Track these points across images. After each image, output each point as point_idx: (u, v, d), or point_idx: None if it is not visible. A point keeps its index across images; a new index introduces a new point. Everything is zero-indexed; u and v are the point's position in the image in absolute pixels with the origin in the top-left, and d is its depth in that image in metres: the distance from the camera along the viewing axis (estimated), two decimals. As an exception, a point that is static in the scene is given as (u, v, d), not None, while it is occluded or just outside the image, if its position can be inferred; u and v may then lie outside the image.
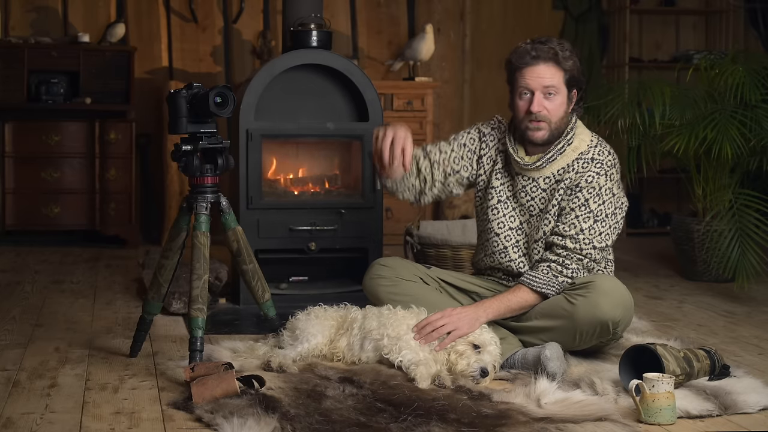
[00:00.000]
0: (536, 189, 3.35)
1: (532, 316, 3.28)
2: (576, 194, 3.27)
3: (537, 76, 3.25)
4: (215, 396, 2.75)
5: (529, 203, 3.37)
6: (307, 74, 4.48)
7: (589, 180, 3.27)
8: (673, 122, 5.05)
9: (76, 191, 6.28)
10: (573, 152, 3.31)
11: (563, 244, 3.25)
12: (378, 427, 2.58)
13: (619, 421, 2.68)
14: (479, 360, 3.05)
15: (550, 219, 3.31)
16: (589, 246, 3.25)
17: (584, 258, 3.24)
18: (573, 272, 3.24)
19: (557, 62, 3.25)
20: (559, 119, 3.28)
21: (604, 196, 3.27)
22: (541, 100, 3.25)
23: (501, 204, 3.41)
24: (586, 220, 3.25)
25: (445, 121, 7.08)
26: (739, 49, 6.74)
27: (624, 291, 3.18)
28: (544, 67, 3.25)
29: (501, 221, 3.41)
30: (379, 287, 3.44)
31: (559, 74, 3.26)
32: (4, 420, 2.65)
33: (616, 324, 3.15)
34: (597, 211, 3.26)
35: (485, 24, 7.18)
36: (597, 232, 3.26)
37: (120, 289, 4.77)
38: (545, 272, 3.25)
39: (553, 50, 3.24)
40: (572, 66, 3.27)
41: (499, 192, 3.42)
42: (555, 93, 3.25)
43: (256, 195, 4.38)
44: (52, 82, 6.23)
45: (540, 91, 3.25)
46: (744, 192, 4.84)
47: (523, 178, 3.37)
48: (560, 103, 3.27)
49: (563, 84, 3.27)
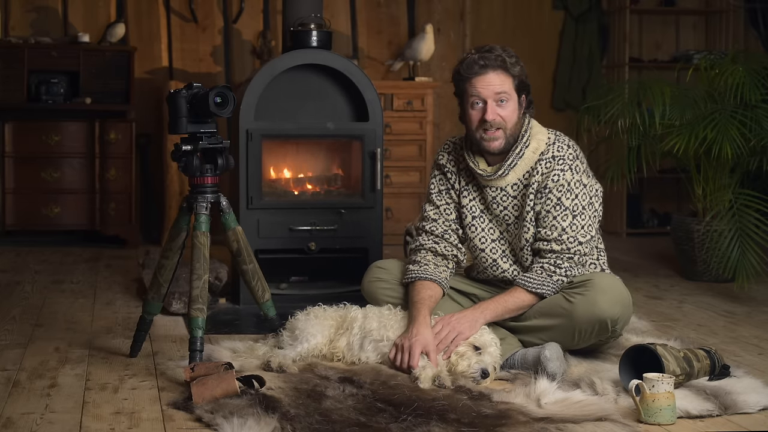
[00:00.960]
0: (506, 198, 3.34)
1: (530, 316, 3.28)
2: (547, 196, 3.27)
3: (487, 84, 3.25)
4: (215, 396, 2.75)
5: (503, 213, 3.36)
6: (307, 74, 4.48)
7: (555, 179, 3.26)
8: (673, 122, 5.05)
9: (76, 191, 6.29)
10: (533, 154, 3.30)
11: (550, 248, 3.25)
12: (378, 427, 2.58)
13: (619, 421, 2.68)
14: (480, 361, 3.06)
15: (528, 226, 3.30)
16: (575, 243, 3.25)
17: (574, 255, 3.25)
18: (566, 270, 3.24)
19: (505, 69, 3.26)
20: (514, 125, 3.28)
21: (575, 190, 3.27)
22: (494, 107, 3.26)
23: (476, 220, 3.41)
24: (564, 219, 3.25)
25: (445, 121, 7.08)
26: (739, 49, 6.73)
27: (622, 288, 3.19)
28: (494, 74, 3.25)
29: (482, 236, 3.40)
30: (377, 290, 3.44)
31: (508, 80, 3.26)
32: (4, 420, 2.65)
33: (614, 322, 3.15)
34: (572, 206, 3.26)
35: (485, 24, 7.18)
36: (579, 227, 3.25)
37: (120, 289, 4.78)
38: (539, 273, 3.25)
39: (501, 57, 3.25)
40: (520, 72, 3.28)
41: (471, 209, 3.41)
42: (507, 99, 3.26)
43: (256, 195, 4.38)
44: (52, 82, 6.23)
45: (492, 99, 3.26)
46: (744, 192, 4.84)
47: (491, 189, 3.36)
48: (513, 109, 3.28)
49: (513, 90, 3.28)
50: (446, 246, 3.42)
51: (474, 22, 7.16)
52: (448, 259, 3.42)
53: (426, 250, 3.42)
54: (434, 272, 3.35)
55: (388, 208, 6.22)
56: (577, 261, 3.26)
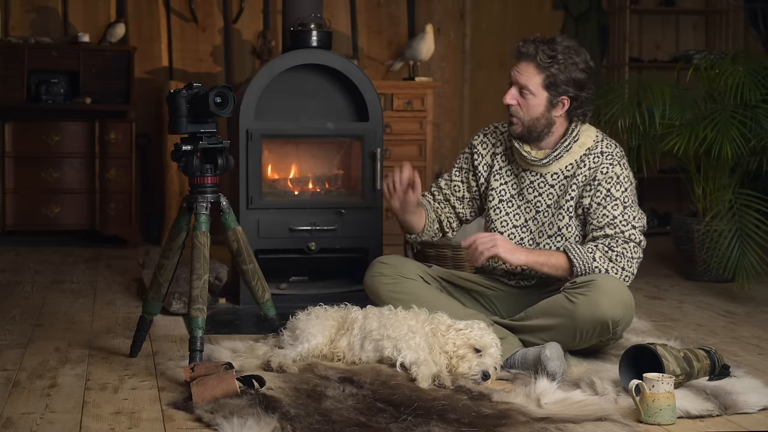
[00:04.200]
0: (544, 185, 3.38)
1: (532, 315, 3.28)
2: (597, 188, 3.30)
3: (517, 72, 3.33)
4: (215, 396, 2.75)
5: (536, 199, 3.39)
6: (307, 74, 4.48)
7: (604, 171, 3.31)
8: (673, 122, 5.05)
9: (76, 191, 6.28)
10: (579, 148, 3.35)
11: (603, 233, 3.27)
12: (378, 427, 2.58)
13: (619, 421, 2.68)
14: (481, 363, 3.06)
15: (564, 214, 3.34)
16: (629, 227, 3.26)
17: (629, 241, 3.25)
18: (618, 255, 3.23)
19: (537, 64, 3.28)
20: (533, 119, 3.31)
21: (624, 184, 3.31)
22: (515, 93, 3.32)
23: (503, 203, 3.44)
24: (615, 208, 3.28)
25: (445, 121, 7.08)
26: (739, 49, 6.73)
27: (624, 290, 3.18)
28: (525, 65, 3.31)
29: (504, 219, 3.43)
30: (380, 285, 3.44)
31: (537, 76, 3.29)
32: (4, 420, 2.65)
33: (616, 323, 3.15)
34: (623, 198, 3.29)
35: (485, 24, 7.18)
36: (631, 216, 3.28)
37: (120, 289, 4.77)
38: (589, 250, 3.24)
39: (537, 51, 3.27)
40: (556, 71, 3.27)
41: (500, 192, 3.44)
42: (528, 93, 3.29)
43: (256, 195, 4.38)
44: (52, 82, 6.22)
45: (516, 86, 3.32)
46: (744, 192, 4.84)
47: (531, 173, 3.40)
48: (535, 104, 3.30)
49: (541, 87, 3.29)
50: (439, 211, 3.57)
51: (474, 22, 7.16)
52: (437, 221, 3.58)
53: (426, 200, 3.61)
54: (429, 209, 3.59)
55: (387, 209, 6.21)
56: (632, 249, 3.25)
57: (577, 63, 3.29)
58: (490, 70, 7.11)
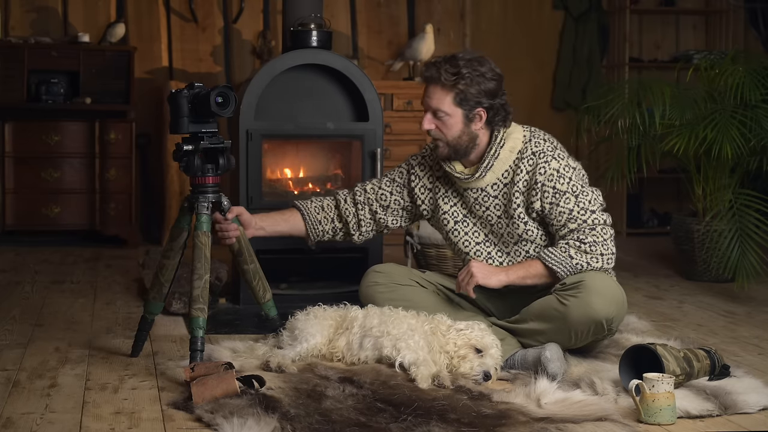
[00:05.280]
0: (487, 198, 3.36)
1: (526, 319, 3.27)
2: (542, 190, 3.27)
3: (427, 96, 3.33)
4: (215, 396, 2.75)
5: (486, 213, 3.37)
6: (307, 74, 4.48)
7: (542, 172, 3.27)
8: (673, 122, 5.05)
9: (76, 191, 6.28)
10: (510, 153, 3.32)
11: (568, 229, 3.25)
12: (378, 427, 2.58)
13: (619, 421, 2.68)
14: (482, 364, 3.06)
15: (517, 222, 3.31)
16: (587, 215, 3.24)
17: (595, 226, 3.23)
18: (591, 245, 3.21)
19: (442, 85, 3.27)
20: (455, 138, 3.30)
21: (566, 175, 3.27)
22: (430, 118, 3.32)
23: (459, 224, 3.43)
24: (568, 202, 3.25)
25: (445, 121, 7.07)
26: (739, 49, 6.73)
27: (615, 287, 3.18)
28: (432, 88, 3.31)
29: (465, 240, 3.41)
30: (376, 294, 3.44)
31: (447, 96, 3.27)
32: (4, 420, 2.65)
33: (610, 321, 3.14)
34: (571, 188, 3.26)
35: (485, 24, 7.18)
36: (586, 202, 3.25)
37: (120, 289, 4.77)
38: (562, 249, 3.22)
39: (439, 72, 3.25)
40: (464, 87, 3.24)
41: (453, 214, 3.43)
42: (443, 115, 3.29)
43: (256, 195, 4.38)
44: (52, 82, 6.23)
45: (429, 111, 3.32)
46: (744, 192, 4.84)
47: (472, 191, 3.38)
48: (452, 123, 3.29)
49: (453, 105, 3.27)
50: (350, 211, 3.55)
51: (474, 22, 7.16)
52: (339, 221, 3.56)
53: (333, 197, 3.59)
54: (309, 208, 3.55)
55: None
56: (600, 231, 3.22)
57: (484, 73, 3.26)
58: (490, 70, 7.10)
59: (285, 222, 3.54)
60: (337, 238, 3.63)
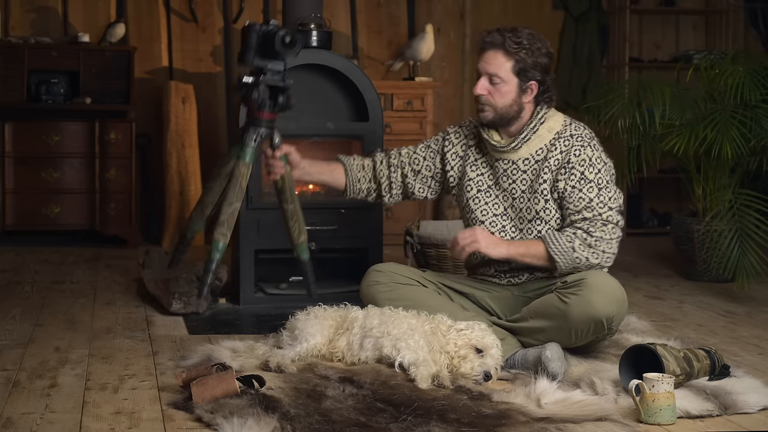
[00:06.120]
0: (516, 171, 3.39)
1: (527, 317, 3.28)
2: (571, 172, 3.31)
3: (484, 62, 3.35)
4: (215, 396, 2.75)
5: (511, 186, 3.40)
6: (307, 74, 4.48)
7: (577, 154, 3.31)
8: (673, 122, 5.05)
9: (76, 191, 6.28)
10: (548, 133, 3.37)
11: (582, 216, 3.27)
12: (378, 427, 2.58)
13: (619, 421, 2.69)
14: (482, 364, 3.06)
15: (539, 198, 3.34)
16: (605, 209, 3.27)
17: (607, 223, 3.26)
18: (597, 240, 3.23)
19: (505, 50, 3.31)
20: (505, 106, 3.34)
21: (597, 165, 3.31)
22: (485, 84, 3.34)
23: (481, 193, 3.45)
24: (591, 191, 3.28)
25: (445, 121, 7.07)
26: (739, 49, 6.73)
27: (616, 286, 3.18)
28: (492, 53, 3.33)
29: (484, 209, 3.44)
30: (377, 294, 3.44)
31: (507, 63, 3.31)
32: (4, 420, 2.65)
33: (610, 320, 3.15)
34: (597, 179, 3.30)
35: (485, 24, 7.16)
36: (606, 197, 3.29)
37: (120, 289, 4.78)
38: (568, 239, 3.25)
39: (503, 38, 3.31)
40: (524, 56, 3.30)
41: (478, 182, 3.46)
42: (499, 81, 3.32)
43: (256, 195, 4.38)
44: (52, 82, 6.22)
45: (485, 75, 3.34)
46: (744, 192, 4.84)
47: (503, 162, 3.41)
48: (506, 90, 3.33)
49: (511, 73, 3.32)
50: (384, 173, 3.59)
51: (474, 22, 7.16)
52: (374, 182, 3.61)
53: (371, 158, 3.64)
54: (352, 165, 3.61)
55: (388, 208, 6.22)
56: (611, 230, 3.25)
57: (540, 48, 3.33)
58: (490, 70, 7.11)
59: (330, 173, 3.60)
60: (370, 199, 3.68)
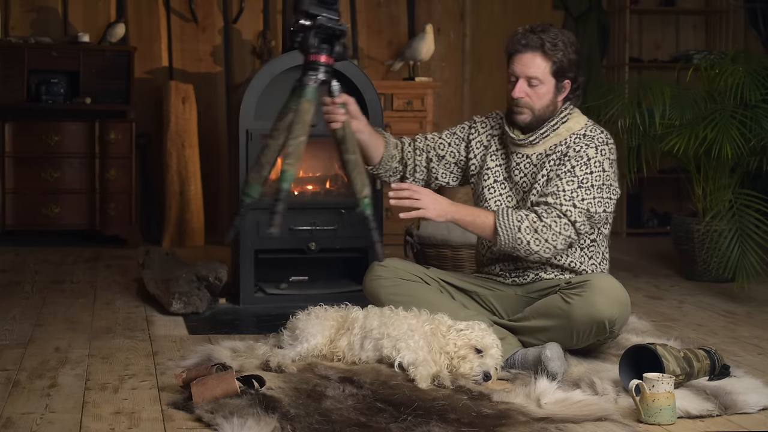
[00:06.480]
0: (528, 165, 3.38)
1: (529, 316, 3.28)
2: (563, 162, 3.29)
3: (522, 65, 3.31)
4: (215, 396, 2.75)
5: (522, 180, 3.39)
6: (307, 74, 4.46)
7: (577, 150, 3.29)
8: (673, 122, 5.05)
9: (76, 191, 6.28)
10: (566, 131, 3.35)
11: (544, 201, 3.26)
12: (378, 427, 2.58)
13: (619, 421, 2.68)
14: (482, 364, 3.05)
15: (538, 190, 3.33)
16: (570, 203, 3.23)
17: (563, 216, 3.22)
18: (545, 227, 3.20)
19: (544, 52, 3.29)
20: (543, 107, 3.32)
21: (592, 167, 3.27)
22: (524, 86, 3.31)
23: (497, 184, 3.45)
24: (569, 183, 3.25)
25: (445, 121, 7.07)
26: (739, 49, 6.73)
27: (620, 289, 3.18)
28: (530, 56, 3.29)
29: (498, 199, 3.43)
30: (379, 288, 3.44)
31: (545, 65, 3.29)
32: (4, 420, 2.65)
33: (612, 322, 3.14)
34: (582, 177, 3.26)
35: (485, 24, 7.18)
36: (579, 196, 3.24)
37: (120, 289, 4.77)
38: (519, 219, 3.22)
39: (541, 40, 3.28)
40: (561, 57, 3.29)
41: (495, 172, 3.46)
42: (538, 83, 3.30)
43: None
44: (52, 82, 6.23)
45: (523, 78, 3.30)
46: (744, 192, 4.84)
47: (517, 155, 3.40)
48: (544, 92, 3.31)
49: (549, 74, 3.30)
50: (410, 156, 3.55)
51: (474, 22, 7.16)
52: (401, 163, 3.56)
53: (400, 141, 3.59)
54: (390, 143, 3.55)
55: (388, 208, 6.22)
56: (564, 225, 3.21)
57: (573, 45, 3.33)
58: (490, 70, 7.12)
59: (375, 140, 3.52)
60: (393, 179, 3.63)
